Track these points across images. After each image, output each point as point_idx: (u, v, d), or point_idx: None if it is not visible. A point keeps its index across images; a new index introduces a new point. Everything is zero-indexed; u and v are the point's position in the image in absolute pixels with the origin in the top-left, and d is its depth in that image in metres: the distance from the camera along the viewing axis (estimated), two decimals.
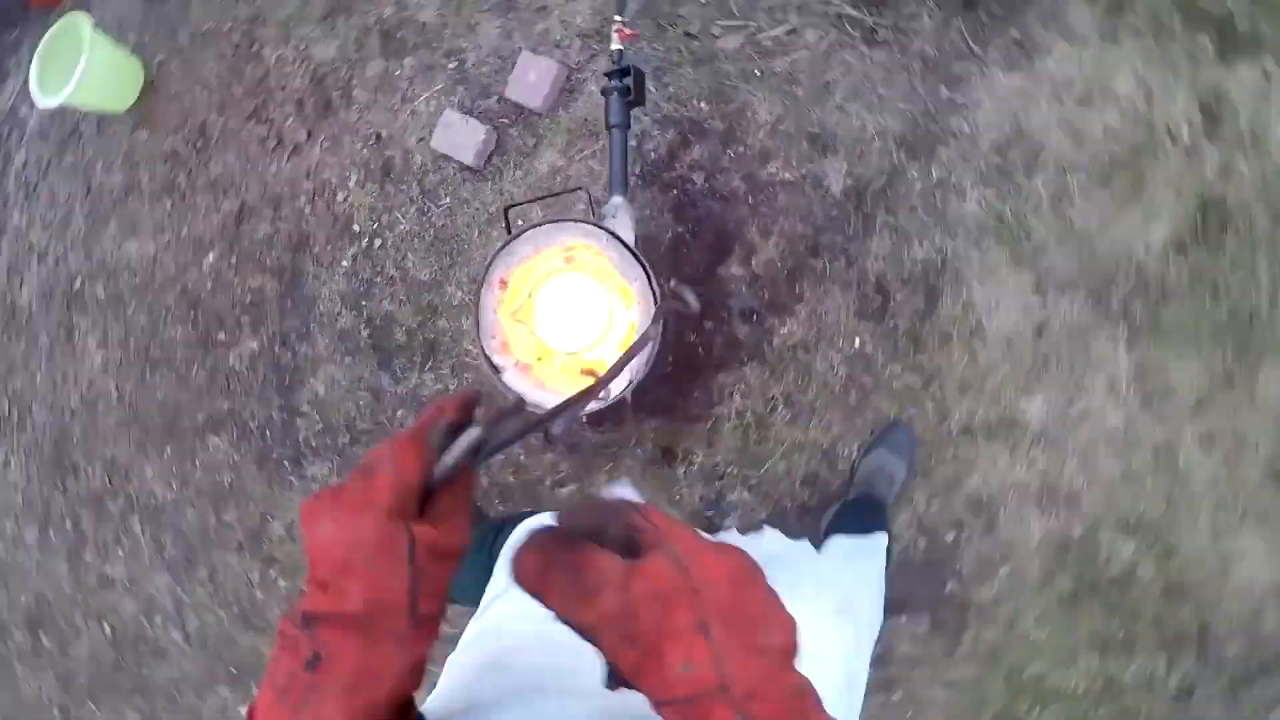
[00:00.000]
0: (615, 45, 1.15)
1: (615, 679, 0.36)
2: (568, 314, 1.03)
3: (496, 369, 1.01)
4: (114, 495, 1.83)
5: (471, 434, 0.39)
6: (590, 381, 0.98)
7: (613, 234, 0.96)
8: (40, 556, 1.97)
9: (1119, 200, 1.36)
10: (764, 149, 1.36)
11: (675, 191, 1.40)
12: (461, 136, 1.47)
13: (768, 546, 0.93)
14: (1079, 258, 1.37)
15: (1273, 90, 1.37)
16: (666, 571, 0.33)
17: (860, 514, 1.29)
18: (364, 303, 1.62)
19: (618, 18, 1.17)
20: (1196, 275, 1.37)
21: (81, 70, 1.57)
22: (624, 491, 0.42)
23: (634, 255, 0.95)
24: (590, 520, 0.36)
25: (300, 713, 0.37)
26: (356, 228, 1.63)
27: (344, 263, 1.64)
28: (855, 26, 1.35)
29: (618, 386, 0.98)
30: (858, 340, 1.38)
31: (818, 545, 1.05)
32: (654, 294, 0.96)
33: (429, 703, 0.54)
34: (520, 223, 1.11)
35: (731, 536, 0.99)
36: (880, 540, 1.20)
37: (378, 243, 1.62)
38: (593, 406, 1.00)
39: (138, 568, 1.84)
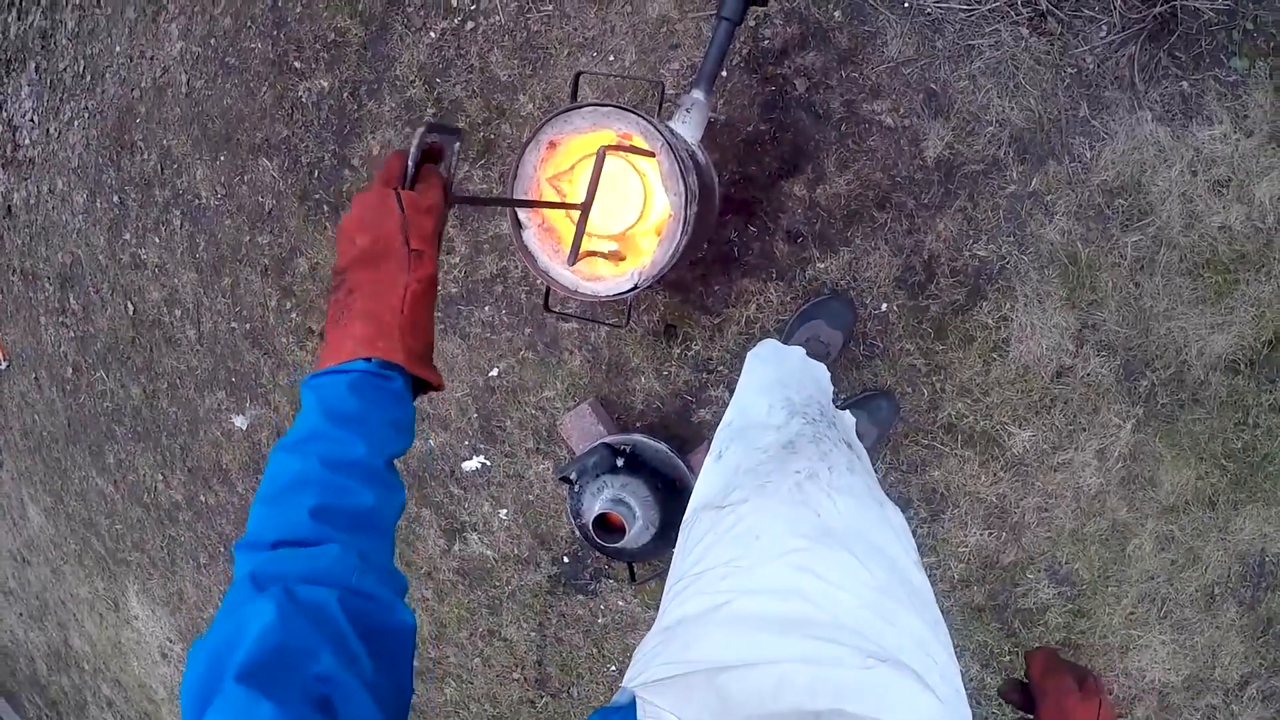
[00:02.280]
0: None
1: None
2: (610, 199, 1.07)
3: (519, 224, 1.07)
4: (162, 185, 2.01)
5: (419, 131, 0.62)
6: (604, 252, 1.10)
7: (670, 143, 0.99)
8: (83, 222, 2.17)
9: (1197, 297, 1.36)
10: (877, 85, 1.33)
11: (773, 89, 1.41)
12: None
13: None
14: (1130, 329, 1.38)
15: None
16: None
17: None
18: (438, 80, 1.70)
19: None
20: (1233, 399, 1.39)
21: None
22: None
23: (682, 172, 0.99)
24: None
25: (339, 325, 0.60)
26: (454, 2, 1.67)
27: (432, 34, 1.69)
28: (1026, 4, 1.27)
29: (636, 279, 1.10)
30: (885, 305, 1.43)
31: None
32: (685, 219, 1.01)
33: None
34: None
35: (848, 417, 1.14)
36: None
37: (470, 26, 1.66)
38: (609, 293, 1.12)
39: (169, 259, 2.05)
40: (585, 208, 0.93)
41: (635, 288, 1.06)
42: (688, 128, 1.12)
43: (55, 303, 2.38)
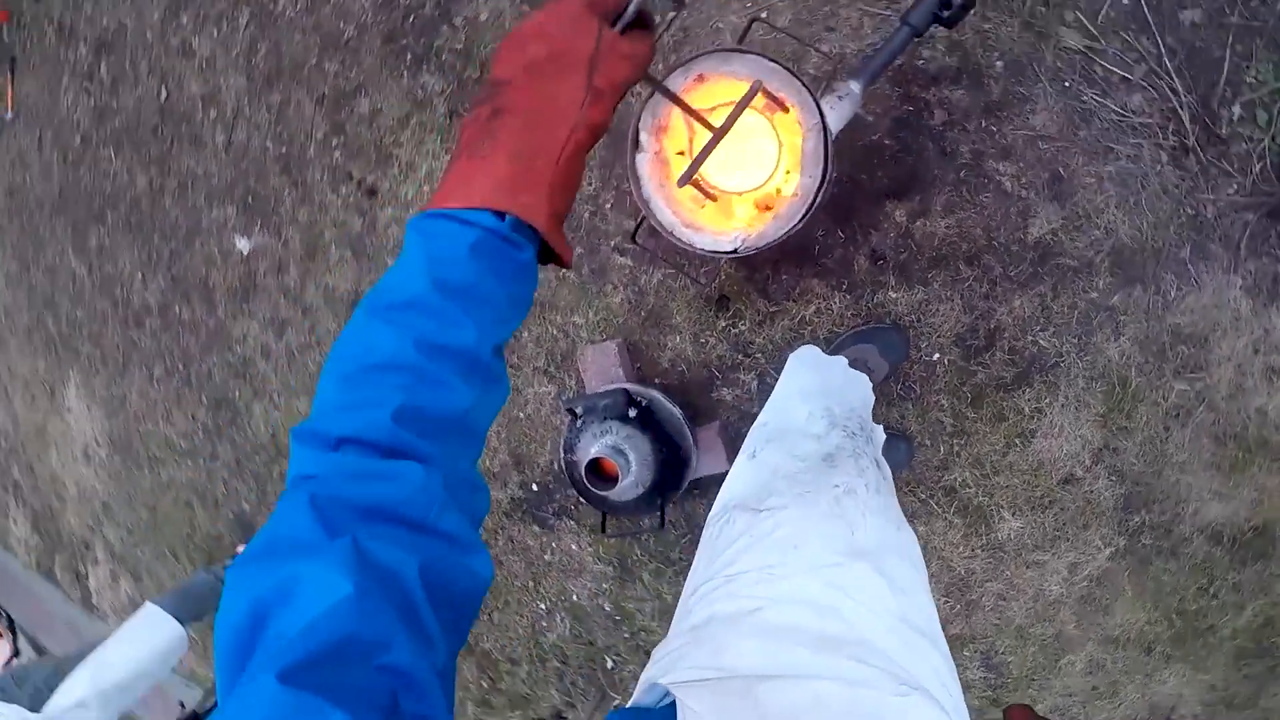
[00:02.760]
0: None
1: None
2: (737, 153, 1.03)
3: (637, 144, 1.02)
4: None
5: None
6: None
7: (825, 124, 0.96)
8: None
9: (1213, 462, 1.39)
10: (1010, 147, 1.31)
11: (910, 109, 1.36)
12: None
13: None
14: (1146, 467, 1.41)
15: None
16: None
17: None
18: None
19: None
20: (1206, 565, 1.44)
21: None
22: None
23: (826, 157, 0.96)
24: None
25: (477, 154, 0.48)
26: None
27: None
28: (1175, 133, 1.27)
29: (739, 244, 1.04)
30: (938, 355, 1.42)
31: None
32: (811, 204, 0.98)
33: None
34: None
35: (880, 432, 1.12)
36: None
37: None
38: (704, 247, 1.06)
39: (223, 56, 1.93)
40: (720, 131, 0.89)
41: (734, 251, 1.02)
42: (834, 115, 1.08)
43: (85, 66, 2.23)
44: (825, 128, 0.97)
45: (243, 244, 2.01)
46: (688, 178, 0.95)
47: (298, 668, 0.33)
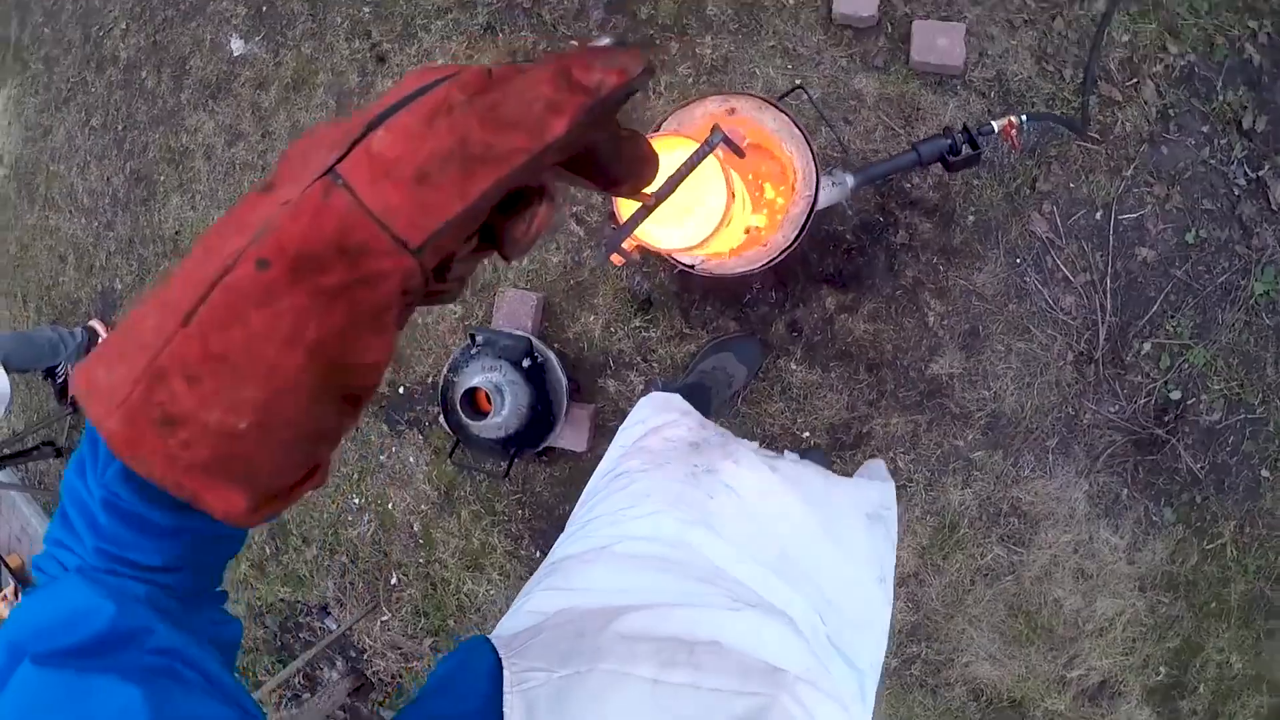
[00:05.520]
0: (994, 124, 1.19)
1: None
2: (687, 194, 0.95)
3: None
4: None
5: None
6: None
7: (816, 197, 1.09)
8: None
9: (998, 628, 1.59)
10: (947, 289, 1.50)
11: (879, 218, 1.53)
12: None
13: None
14: (941, 606, 1.60)
15: None
16: None
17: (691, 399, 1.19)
18: None
19: (1022, 117, 1.19)
20: (957, 712, 1.64)
21: None
22: None
23: (804, 227, 1.09)
24: None
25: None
26: None
27: None
28: (1088, 342, 1.48)
29: (697, 264, 1.12)
30: (808, 433, 1.59)
31: None
32: (774, 259, 1.10)
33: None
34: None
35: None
36: None
37: None
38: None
39: None
40: (656, 199, 0.84)
41: (692, 267, 1.14)
42: (823, 195, 1.21)
43: None
44: (815, 203, 1.11)
45: (237, 45, 2.05)
46: (613, 247, 0.83)
47: (56, 654, 0.31)
